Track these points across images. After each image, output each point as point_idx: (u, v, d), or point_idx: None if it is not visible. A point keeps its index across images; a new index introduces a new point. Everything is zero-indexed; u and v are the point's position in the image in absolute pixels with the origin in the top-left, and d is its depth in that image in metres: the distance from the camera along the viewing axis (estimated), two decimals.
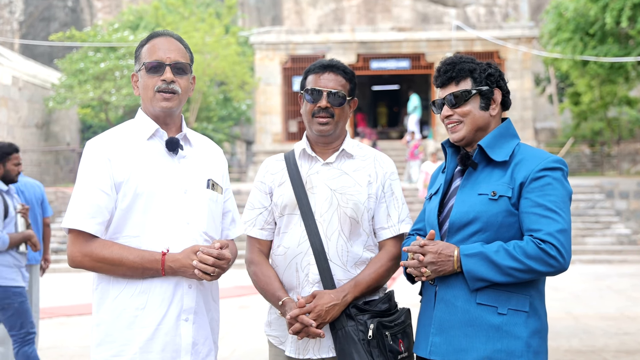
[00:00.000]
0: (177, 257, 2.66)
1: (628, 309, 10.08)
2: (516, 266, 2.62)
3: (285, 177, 3.10)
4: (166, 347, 2.69)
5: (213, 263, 2.64)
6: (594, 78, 24.33)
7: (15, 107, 24.70)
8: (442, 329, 2.74)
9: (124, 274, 2.66)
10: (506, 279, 2.64)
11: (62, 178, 27.40)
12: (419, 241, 2.75)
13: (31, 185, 6.80)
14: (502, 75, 2.90)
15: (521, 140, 2.90)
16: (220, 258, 2.66)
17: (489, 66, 2.86)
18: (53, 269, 15.33)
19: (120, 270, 2.65)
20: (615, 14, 20.16)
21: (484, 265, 2.64)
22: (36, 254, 6.74)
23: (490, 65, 2.87)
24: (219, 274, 2.69)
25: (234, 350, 7.68)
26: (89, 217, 2.66)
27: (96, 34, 27.14)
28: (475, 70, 2.83)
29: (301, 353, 3.01)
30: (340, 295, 2.92)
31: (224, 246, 2.69)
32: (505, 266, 2.62)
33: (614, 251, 16.74)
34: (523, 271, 2.62)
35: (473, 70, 2.83)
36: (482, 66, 2.85)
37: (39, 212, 6.83)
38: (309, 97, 3.07)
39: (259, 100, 26.08)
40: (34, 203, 6.76)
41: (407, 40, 25.63)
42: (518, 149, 2.80)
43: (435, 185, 2.97)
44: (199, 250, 2.65)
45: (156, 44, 2.80)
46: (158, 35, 2.83)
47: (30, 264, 6.72)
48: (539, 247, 2.61)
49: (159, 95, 2.76)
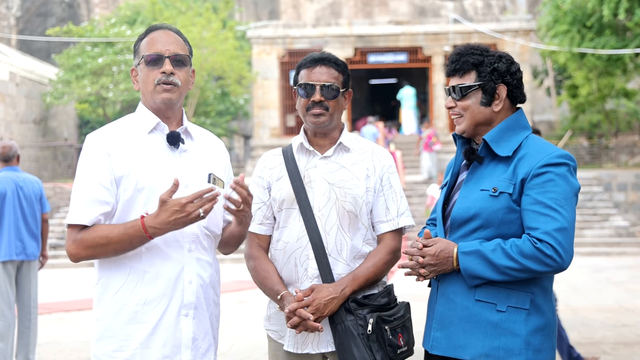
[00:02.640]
0: (154, 215, 2.58)
1: (626, 301, 10.10)
2: (512, 265, 2.60)
3: (283, 171, 3.09)
4: (167, 343, 2.68)
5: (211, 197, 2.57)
6: (591, 70, 24.31)
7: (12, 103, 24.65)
8: (443, 325, 2.74)
9: (115, 250, 2.64)
10: (503, 277, 2.62)
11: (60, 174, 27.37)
12: (418, 243, 2.74)
13: (30, 181, 6.80)
14: (513, 69, 2.79)
15: None
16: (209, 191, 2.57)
17: (499, 59, 2.78)
18: (52, 265, 15.34)
19: (111, 247, 2.63)
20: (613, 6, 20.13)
21: (481, 264, 2.63)
22: (34, 250, 6.75)
23: (501, 59, 2.78)
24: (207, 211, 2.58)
25: (233, 344, 7.68)
26: (85, 209, 2.66)
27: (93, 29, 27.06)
28: (481, 64, 2.76)
29: (300, 348, 3.01)
30: (339, 289, 2.91)
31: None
32: (502, 265, 2.61)
33: (612, 243, 16.76)
34: (519, 270, 2.60)
35: (479, 64, 2.76)
36: (491, 59, 2.77)
37: (38, 207, 6.83)
38: (302, 92, 3.07)
39: (257, 94, 26.04)
40: (33, 199, 6.77)
41: (404, 33, 25.58)
42: (525, 142, 2.74)
43: (447, 176, 2.95)
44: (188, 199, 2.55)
45: (155, 37, 2.79)
46: (157, 29, 2.82)
47: (28, 260, 6.73)
48: (534, 246, 2.58)
49: (159, 87, 2.74)
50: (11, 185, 6.64)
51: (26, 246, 6.68)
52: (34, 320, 6.73)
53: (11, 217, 6.63)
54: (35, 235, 6.78)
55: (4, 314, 6.54)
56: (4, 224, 6.61)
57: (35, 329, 6.74)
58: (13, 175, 6.71)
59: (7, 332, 6.54)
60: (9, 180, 6.66)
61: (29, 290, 6.76)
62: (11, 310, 6.59)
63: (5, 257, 6.56)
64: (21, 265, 6.74)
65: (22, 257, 6.67)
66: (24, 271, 6.75)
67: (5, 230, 6.59)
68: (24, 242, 6.66)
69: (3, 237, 6.58)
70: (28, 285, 6.76)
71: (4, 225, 6.60)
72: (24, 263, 6.74)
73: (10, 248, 6.58)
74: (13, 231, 6.62)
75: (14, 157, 6.75)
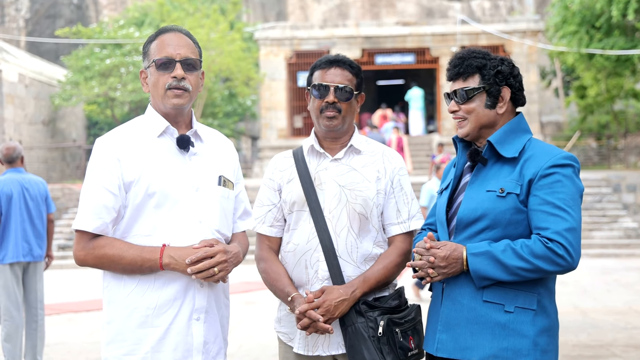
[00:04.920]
0: (174, 254, 2.61)
1: (636, 302, 10.06)
2: (523, 266, 2.60)
3: (294, 173, 3.09)
4: (178, 347, 2.68)
5: (206, 265, 2.60)
6: (600, 71, 24.24)
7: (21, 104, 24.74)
8: (449, 326, 2.73)
9: (123, 269, 2.64)
10: (513, 278, 2.62)
11: (69, 175, 27.46)
12: (425, 243, 2.73)
13: (35, 182, 6.81)
14: (515, 72, 2.82)
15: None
16: (211, 256, 2.62)
17: (501, 62, 2.79)
18: (60, 265, 15.39)
19: (121, 265, 2.63)
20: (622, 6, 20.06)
21: (491, 265, 2.62)
22: (41, 251, 6.75)
23: (503, 62, 2.80)
24: (225, 270, 2.65)
25: (241, 345, 7.68)
26: (93, 216, 2.65)
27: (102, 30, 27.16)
28: (484, 67, 2.77)
29: (310, 350, 3.00)
30: (349, 291, 2.90)
31: (208, 244, 2.64)
32: (513, 266, 2.60)
33: (621, 245, 16.69)
34: (530, 270, 2.60)
35: (482, 67, 2.77)
36: (494, 62, 2.78)
37: (44, 208, 6.84)
38: (316, 93, 3.06)
39: (264, 95, 26.07)
40: (39, 199, 6.78)
41: (411, 34, 25.57)
42: (529, 145, 2.76)
43: (446, 180, 2.95)
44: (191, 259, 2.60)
45: (165, 40, 2.75)
46: (167, 31, 2.77)
47: (35, 261, 6.74)
48: (546, 246, 2.58)
49: (170, 93, 2.72)
50: (17, 187, 6.65)
51: (32, 247, 6.69)
52: (41, 321, 6.74)
53: (17, 218, 6.64)
54: (42, 236, 6.79)
55: (12, 316, 6.55)
56: (10, 225, 6.62)
57: (43, 329, 6.75)
58: (18, 176, 6.72)
59: (16, 333, 6.55)
60: (15, 182, 6.67)
61: (36, 292, 6.77)
62: (19, 311, 6.61)
63: (12, 258, 6.58)
64: (27, 267, 6.75)
65: (29, 259, 6.68)
66: (30, 272, 6.77)
67: (12, 232, 6.60)
68: (30, 244, 6.67)
69: (10, 238, 6.59)
70: (34, 286, 6.78)
71: (11, 227, 6.61)
72: (31, 264, 6.75)
73: (17, 250, 6.59)
74: (20, 233, 6.62)
75: (17, 158, 6.76)
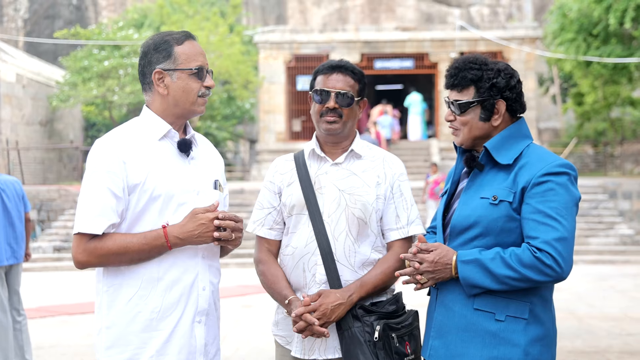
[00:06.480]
0: (180, 225, 2.65)
1: (631, 309, 10.07)
2: (511, 275, 2.57)
3: (294, 177, 3.10)
4: (182, 350, 2.68)
5: (234, 227, 2.68)
6: (597, 78, 24.31)
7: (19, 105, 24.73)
8: (441, 333, 2.73)
9: (131, 260, 2.63)
10: (502, 287, 2.60)
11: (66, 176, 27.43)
12: (413, 248, 2.72)
13: (10, 182, 6.76)
14: (512, 83, 2.76)
15: None
16: (237, 220, 2.70)
17: (497, 74, 2.74)
18: (55, 267, 15.34)
19: (128, 256, 2.62)
20: (619, 14, 20.14)
21: (479, 273, 2.60)
22: (22, 252, 6.70)
23: (500, 73, 2.75)
24: (239, 240, 2.73)
25: (237, 349, 7.68)
26: (99, 218, 2.62)
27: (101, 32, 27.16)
28: (480, 80, 2.73)
29: (307, 353, 3.01)
30: (346, 295, 2.91)
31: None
32: (501, 274, 2.58)
33: (617, 251, 16.71)
34: (518, 280, 2.58)
35: (477, 80, 2.73)
36: (489, 74, 2.73)
37: (22, 208, 6.81)
38: (317, 98, 3.08)
39: (263, 99, 26.09)
40: (16, 199, 6.73)
41: (410, 40, 25.62)
42: (527, 151, 2.73)
43: (447, 183, 2.95)
44: (216, 215, 2.66)
45: (194, 47, 2.77)
46: (191, 37, 2.80)
47: (17, 263, 6.67)
48: (534, 256, 2.56)
49: (201, 100, 2.77)
50: None
51: (15, 250, 6.64)
52: (24, 321, 6.69)
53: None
54: (22, 237, 6.75)
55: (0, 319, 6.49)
56: None
57: (27, 329, 6.71)
58: None
59: (6, 336, 6.47)
60: None
61: (18, 292, 6.73)
62: (6, 313, 6.49)
63: None
64: (10, 269, 6.69)
65: (12, 261, 6.62)
66: (12, 274, 6.71)
67: None
68: (12, 246, 6.61)
69: None
70: (16, 287, 6.74)
71: None
72: (13, 266, 6.71)
73: (0, 254, 6.52)
74: (3, 236, 6.54)
75: None
